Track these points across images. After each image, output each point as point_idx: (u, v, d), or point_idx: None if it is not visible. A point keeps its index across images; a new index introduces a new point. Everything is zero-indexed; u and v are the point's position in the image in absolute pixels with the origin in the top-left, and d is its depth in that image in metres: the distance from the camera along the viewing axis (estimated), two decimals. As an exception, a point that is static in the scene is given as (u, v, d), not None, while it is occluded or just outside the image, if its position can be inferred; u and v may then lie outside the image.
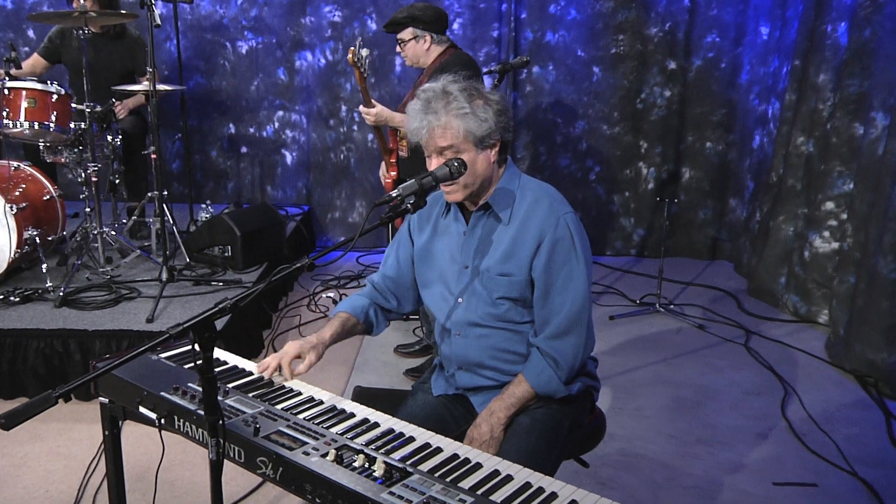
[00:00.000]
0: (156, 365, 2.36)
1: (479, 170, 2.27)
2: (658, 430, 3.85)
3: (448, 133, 2.21)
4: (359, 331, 2.52)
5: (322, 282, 5.96)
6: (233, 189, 7.13)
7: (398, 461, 1.83)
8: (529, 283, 2.30)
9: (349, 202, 6.97)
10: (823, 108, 5.19)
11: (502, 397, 2.32)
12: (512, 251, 2.29)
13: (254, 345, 4.63)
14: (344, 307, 2.53)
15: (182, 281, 4.75)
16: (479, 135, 2.22)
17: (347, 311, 2.50)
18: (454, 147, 2.22)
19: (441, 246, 2.45)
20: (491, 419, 2.27)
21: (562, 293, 2.27)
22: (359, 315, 2.51)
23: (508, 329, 2.35)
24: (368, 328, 2.54)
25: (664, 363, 4.64)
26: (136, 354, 1.68)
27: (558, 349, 2.29)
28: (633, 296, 5.77)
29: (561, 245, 2.26)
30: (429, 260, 2.48)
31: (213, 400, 1.75)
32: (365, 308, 2.53)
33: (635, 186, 6.77)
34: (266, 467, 1.85)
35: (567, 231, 2.27)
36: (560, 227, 2.26)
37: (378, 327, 2.56)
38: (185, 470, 3.39)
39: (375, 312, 2.55)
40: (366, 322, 2.52)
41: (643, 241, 6.86)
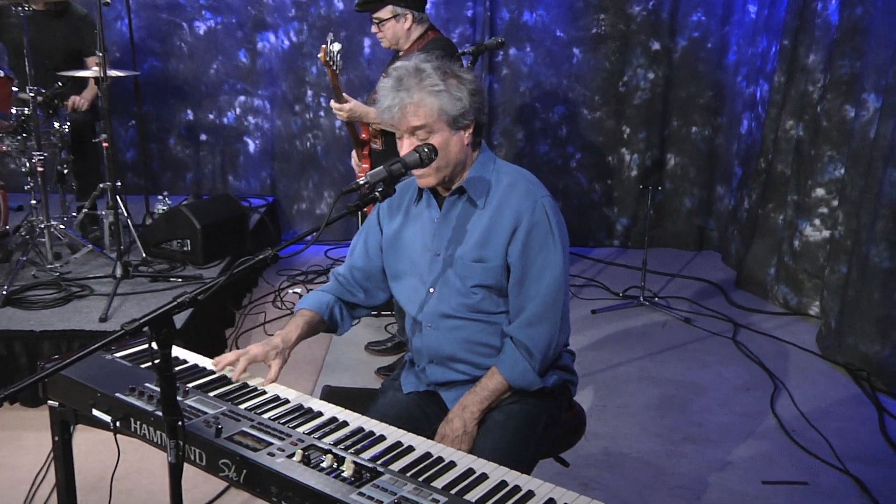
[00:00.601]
0: (110, 365, 2.35)
1: (453, 152, 2.29)
2: (643, 428, 3.89)
3: (421, 111, 2.23)
4: (321, 330, 2.53)
5: (288, 277, 5.96)
6: (192, 180, 7.10)
7: (368, 461, 1.84)
8: (505, 270, 2.33)
9: (317, 192, 6.97)
10: (814, 89, 5.26)
11: (475, 391, 2.34)
12: (487, 237, 2.32)
13: (216, 344, 4.62)
14: (307, 304, 2.53)
15: (138, 277, 4.73)
16: (454, 114, 2.25)
17: (311, 309, 2.51)
18: (427, 126, 2.24)
19: (412, 234, 2.46)
20: (463, 414, 2.30)
21: (537, 280, 2.30)
22: (323, 312, 2.52)
23: (482, 320, 2.38)
24: (332, 327, 2.55)
25: (649, 359, 4.69)
26: (88, 352, 1.68)
27: (531, 337, 2.32)
28: (616, 288, 5.82)
29: (538, 229, 2.29)
30: (399, 249, 2.49)
31: (171, 400, 1.76)
32: (329, 305, 2.54)
33: (618, 174, 6.82)
34: (229, 470, 1.86)
35: (544, 215, 2.30)
36: (537, 211, 2.29)
37: (343, 326, 2.58)
38: (142, 478, 3.38)
39: (340, 310, 2.57)
40: (330, 320, 2.54)
41: (626, 231, 6.92)
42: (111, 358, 2.40)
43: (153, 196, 6.14)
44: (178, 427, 1.77)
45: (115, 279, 4.51)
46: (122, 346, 2.49)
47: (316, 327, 2.50)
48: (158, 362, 1.74)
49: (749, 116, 6.28)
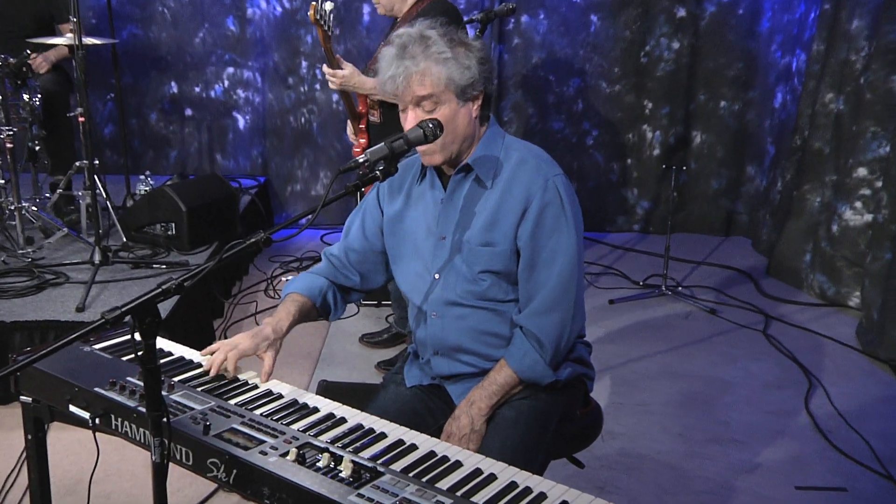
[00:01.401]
0: (89, 357, 2.37)
1: (461, 126, 2.30)
2: (664, 427, 3.91)
3: (427, 80, 2.23)
4: (313, 317, 2.54)
5: (281, 263, 5.98)
6: (176, 158, 7.11)
7: (368, 460, 1.86)
8: (514, 254, 2.34)
9: (312, 172, 6.98)
10: (856, 59, 5.24)
11: (483, 385, 2.35)
12: (495, 218, 2.33)
13: (203, 336, 4.64)
14: (297, 287, 2.53)
15: (118, 264, 4.74)
16: (462, 83, 2.25)
17: (302, 293, 2.51)
18: (434, 97, 2.25)
19: (415, 216, 2.47)
20: (471, 410, 2.31)
21: (548, 265, 2.31)
22: (315, 297, 2.53)
23: (490, 308, 2.39)
24: (325, 312, 2.56)
25: (671, 352, 4.70)
26: (65, 344, 1.69)
27: (542, 327, 2.33)
28: (635, 277, 5.83)
29: (549, 210, 2.30)
30: (401, 232, 2.50)
31: (156, 394, 1.77)
32: (322, 289, 2.55)
33: (639, 153, 6.82)
34: (218, 470, 1.88)
35: (556, 194, 2.30)
36: (549, 191, 2.30)
37: (336, 311, 2.59)
38: (123, 480, 3.41)
39: (334, 295, 2.57)
40: (322, 306, 2.55)
41: (648, 214, 6.92)
42: (90, 350, 2.42)
43: (134, 176, 6.15)
44: (163, 424, 1.79)
45: (93, 266, 4.53)
46: (101, 337, 2.50)
47: (308, 313, 2.50)
48: (142, 354, 1.75)
49: (783, 89, 6.26)
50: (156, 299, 1.75)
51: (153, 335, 1.75)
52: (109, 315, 1.70)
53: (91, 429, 2.14)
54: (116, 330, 2.53)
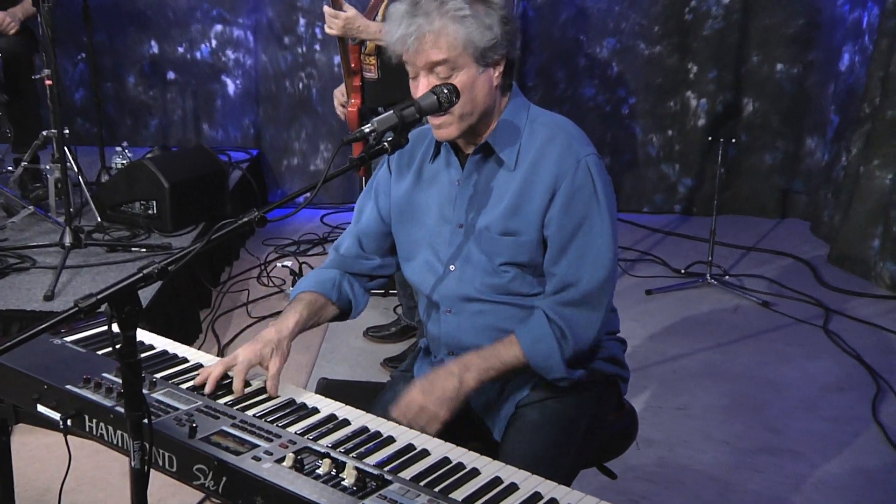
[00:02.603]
0: (60, 351, 2.38)
1: (480, 95, 2.29)
2: (708, 434, 3.92)
3: (443, 42, 2.21)
4: (330, 315, 2.53)
5: (276, 247, 6.00)
6: (157, 128, 7.13)
7: (374, 467, 1.87)
8: (541, 245, 2.34)
9: (311, 144, 6.99)
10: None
11: (482, 354, 2.32)
12: (518, 204, 2.32)
13: (189, 327, 4.68)
14: (307, 286, 2.52)
15: (92, 247, 4.78)
16: (482, 46, 2.24)
17: (313, 290, 2.50)
18: (450, 62, 2.23)
19: (427, 199, 2.47)
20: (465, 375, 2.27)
21: (580, 256, 2.31)
22: (329, 292, 2.51)
23: (513, 304, 2.39)
24: (344, 308, 2.55)
25: (717, 350, 4.71)
26: (32, 335, 1.69)
27: (570, 319, 2.32)
28: (676, 264, 5.82)
29: (580, 194, 2.29)
30: (410, 216, 2.50)
31: (136, 392, 1.78)
32: (336, 282, 2.54)
33: (682, 123, 6.80)
34: (205, 477, 1.89)
35: (588, 177, 2.30)
36: (580, 173, 2.29)
37: (358, 305, 2.58)
38: (97, 489, 3.43)
39: (351, 285, 2.56)
40: (339, 300, 2.53)
41: (691, 193, 6.91)
42: (60, 343, 2.43)
43: (109, 147, 6.17)
44: (144, 425, 1.80)
45: (64, 249, 4.55)
46: (73, 328, 2.51)
47: (321, 311, 2.49)
48: (120, 347, 1.75)
49: (851, 49, 6.22)
50: (136, 285, 1.75)
51: (133, 326, 1.76)
52: (83, 303, 1.71)
53: (62, 431, 2.15)
54: (91, 320, 2.54)
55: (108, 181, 5.46)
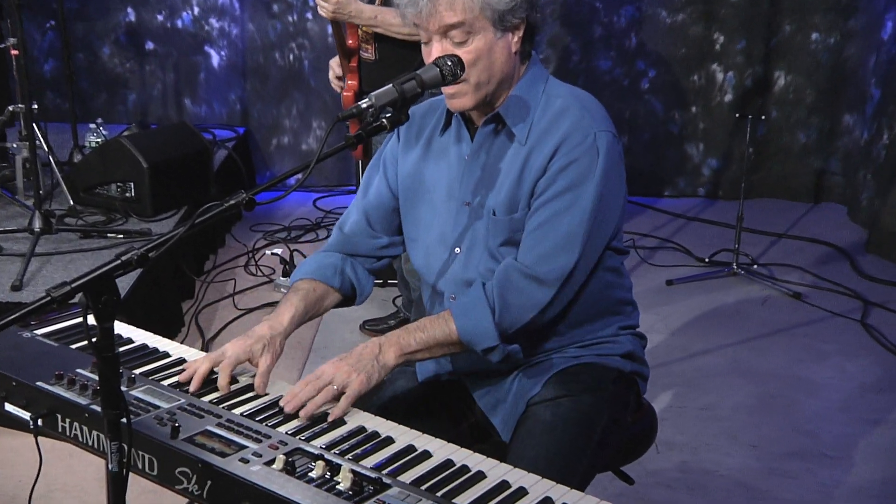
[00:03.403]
0: (29, 345, 2.39)
1: (498, 62, 2.28)
2: (734, 437, 3.93)
3: (458, 3, 2.21)
4: (332, 303, 2.53)
5: (265, 234, 6.01)
6: (135, 103, 7.13)
7: (371, 469, 1.88)
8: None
9: (302, 122, 6.99)
10: None
11: (407, 327, 2.33)
12: (520, 178, 2.33)
13: (170, 320, 4.69)
14: (303, 273, 2.52)
15: (64, 232, 4.78)
16: (501, 8, 2.24)
17: (311, 278, 2.50)
18: (465, 25, 2.22)
19: (435, 174, 2.48)
20: (386, 348, 2.27)
21: (549, 227, 2.29)
22: (330, 279, 2.51)
23: None
24: (348, 295, 2.55)
25: (744, 346, 4.71)
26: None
27: (514, 285, 2.29)
28: (700, 252, 5.82)
29: (577, 165, 2.27)
30: (417, 193, 2.51)
31: (113, 389, 1.78)
32: (338, 267, 2.53)
33: (707, 98, 6.79)
34: (189, 481, 1.90)
35: (593, 152, 2.27)
36: (585, 145, 2.27)
37: (363, 289, 2.58)
38: (69, 496, 3.45)
39: (354, 269, 2.56)
40: (342, 287, 2.53)
41: (716, 175, 6.91)
42: (30, 336, 2.44)
43: (83, 124, 6.16)
44: (122, 425, 1.80)
45: (33, 234, 4.55)
46: (44, 320, 2.52)
47: (320, 301, 2.49)
48: (96, 340, 1.76)
49: (895, 17, 6.20)
50: (113, 273, 1.75)
51: (110, 317, 1.76)
52: (56, 292, 1.71)
53: (32, 432, 2.15)
54: (64, 311, 2.55)
55: (81, 161, 5.46)
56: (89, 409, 2.07)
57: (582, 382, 2.41)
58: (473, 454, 2.00)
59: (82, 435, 2.10)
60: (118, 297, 1.77)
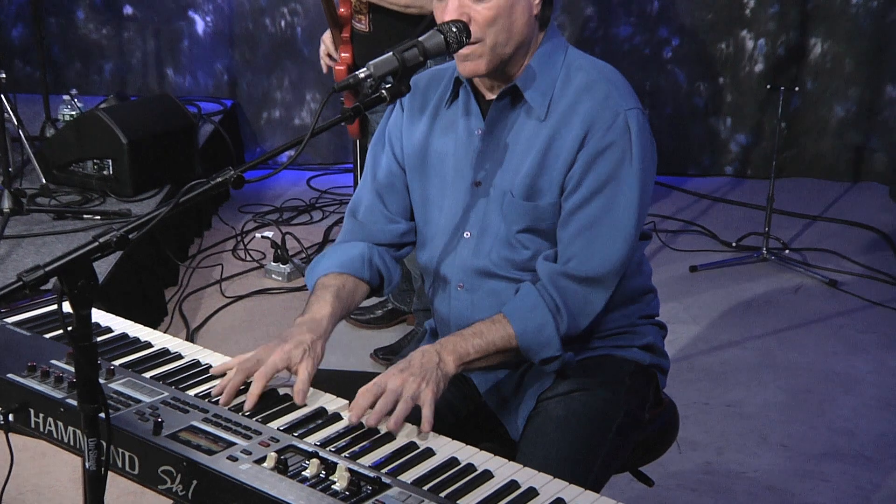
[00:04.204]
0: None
1: (518, 24, 2.27)
2: (763, 436, 3.94)
3: None
4: (362, 297, 2.50)
5: (255, 215, 6.01)
6: (112, 73, 7.13)
7: (369, 468, 1.89)
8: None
9: (295, 94, 6.99)
10: None
11: (462, 333, 2.29)
12: (544, 161, 2.32)
13: (152, 308, 4.71)
14: (327, 267, 2.49)
15: (36, 213, 4.80)
16: None
17: (338, 272, 2.46)
18: None
19: (442, 150, 2.48)
20: (445, 356, 2.22)
21: (594, 225, 2.30)
22: (358, 270, 2.48)
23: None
24: (376, 284, 2.53)
25: (774, 338, 4.72)
26: (-34, 315, 1.72)
27: (566, 292, 2.30)
28: (727, 236, 5.83)
29: (611, 152, 2.28)
30: (424, 170, 2.51)
31: (91, 382, 1.78)
32: (364, 257, 2.49)
33: (735, 68, 6.78)
34: (173, 480, 1.91)
35: (625, 134, 2.29)
36: (616, 127, 2.28)
37: (393, 279, 2.56)
38: (43, 498, 3.46)
39: (381, 258, 2.53)
40: (372, 278, 2.50)
41: (745, 152, 6.91)
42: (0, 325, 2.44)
43: (56, 96, 6.15)
44: (100, 420, 1.80)
45: (2, 215, 4.57)
46: (15, 308, 2.52)
47: (351, 297, 2.46)
48: (72, 329, 1.76)
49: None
50: (91, 255, 1.75)
51: (88, 303, 1.76)
52: (28, 276, 1.70)
53: (2, 429, 2.16)
54: (37, 298, 2.55)
55: (54, 136, 5.47)
56: (65, 403, 2.07)
57: (597, 376, 2.43)
58: (480, 452, 2.01)
59: (57, 431, 2.10)
60: (96, 281, 1.77)
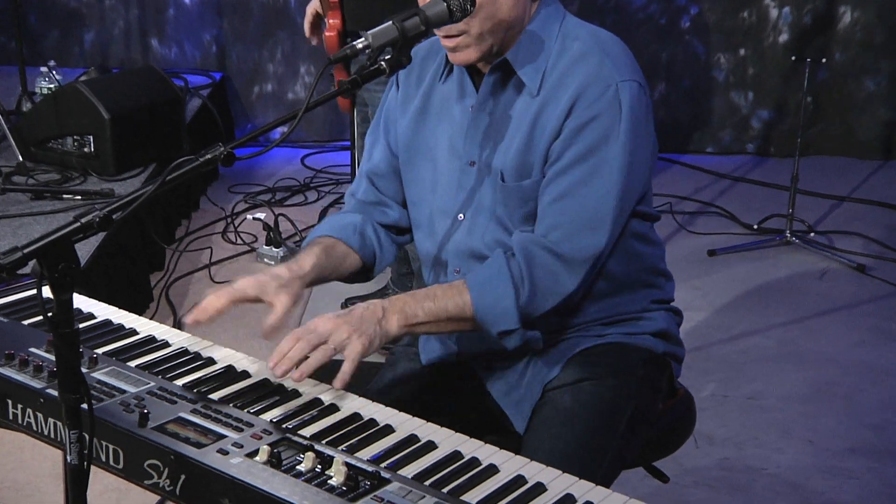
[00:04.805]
0: (-26, 321, 2.41)
1: (503, 8, 2.28)
2: (785, 430, 3.95)
3: None
4: (352, 266, 2.53)
5: (245, 195, 6.02)
6: (93, 43, 7.12)
7: (367, 462, 1.90)
8: None
9: (288, 66, 6.99)
10: None
11: (416, 293, 2.32)
12: (531, 137, 2.33)
13: (137, 294, 4.72)
14: (321, 231, 2.54)
15: (12, 192, 4.81)
16: None
17: (331, 235, 2.51)
18: None
19: (437, 128, 2.49)
20: (391, 312, 2.25)
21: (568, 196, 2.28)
22: (350, 238, 2.51)
23: None
24: (368, 261, 2.56)
25: (798, 326, 4.73)
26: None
27: (539, 263, 2.29)
28: (747, 218, 5.84)
29: (597, 123, 2.26)
30: (417, 150, 2.52)
31: (72, 371, 1.79)
32: (357, 226, 2.53)
33: (757, 39, 6.77)
34: (160, 475, 1.91)
35: (615, 107, 2.26)
36: (605, 99, 2.26)
37: (384, 258, 2.59)
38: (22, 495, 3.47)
39: (376, 232, 2.56)
40: (363, 249, 2.53)
41: (768, 129, 6.90)
42: (-25, 311, 2.47)
43: (32, 68, 6.15)
44: (83, 412, 1.81)
45: (-23, 195, 4.59)
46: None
47: (341, 260, 2.49)
48: (52, 315, 1.76)
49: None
50: (72, 237, 1.76)
51: (69, 288, 1.76)
52: (6, 259, 1.70)
53: (-23, 422, 2.18)
54: (14, 282, 2.57)
55: (30, 110, 5.47)
56: (45, 393, 2.08)
57: (606, 364, 2.43)
58: (484, 445, 2.01)
59: (36, 423, 2.11)
60: (78, 264, 1.77)
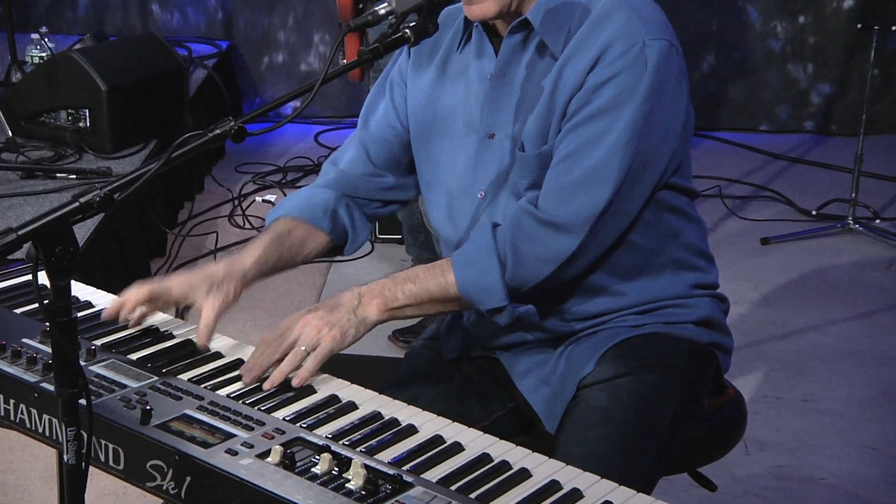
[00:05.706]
0: (-37, 309, 2.44)
1: None
2: (847, 436, 3.95)
3: None
4: (317, 249, 2.57)
5: (254, 176, 6.03)
6: (88, 8, 7.15)
7: (389, 465, 1.91)
8: None
9: (301, 35, 7.00)
10: None
11: (397, 275, 2.36)
12: (552, 101, 2.32)
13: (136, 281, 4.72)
14: (286, 210, 2.56)
15: (1, 171, 4.84)
16: None
17: (293, 216, 2.54)
18: None
19: (452, 99, 2.49)
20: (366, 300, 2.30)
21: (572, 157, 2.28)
22: (319, 220, 2.55)
23: None
24: (337, 240, 2.59)
25: (860, 322, 4.73)
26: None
27: (527, 233, 2.30)
28: (805, 203, 5.83)
29: (617, 81, 2.24)
30: (432, 124, 2.53)
31: (70, 363, 1.80)
32: (328, 206, 2.56)
33: (818, 4, 6.75)
34: (163, 477, 1.93)
35: (638, 64, 2.24)
36: (629, 56, 2.24)
37: (357, 238, 2.61)
38: (13, 499, 3.50)
39: (350, 211, 2.59)
40: (332, 229, 2.56)
41: (829, 105, 6.88)
42: (-35, 298, 2.49)
43: (22, 35, 6.18)
44: (80, 408, 1.82)
45: (-37, 173, 4.62)
46: (-18, 279, 2.57)
47: (299, 246, 2.53)
48: (49, 302, 1.77)
49: None
50: (71, 217, 1.77)
51: (66, 273, 1.77)
52: None
53: (-33, 418, 2.20)
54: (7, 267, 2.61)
55: (21, 81, 5.49)
56: (39, 387, 2.10)
57: (645, 358, 2.42)
58: (515, 448, 2.02)
59: (30, 420, 2.12)
60: (76, 248, 1.77)
